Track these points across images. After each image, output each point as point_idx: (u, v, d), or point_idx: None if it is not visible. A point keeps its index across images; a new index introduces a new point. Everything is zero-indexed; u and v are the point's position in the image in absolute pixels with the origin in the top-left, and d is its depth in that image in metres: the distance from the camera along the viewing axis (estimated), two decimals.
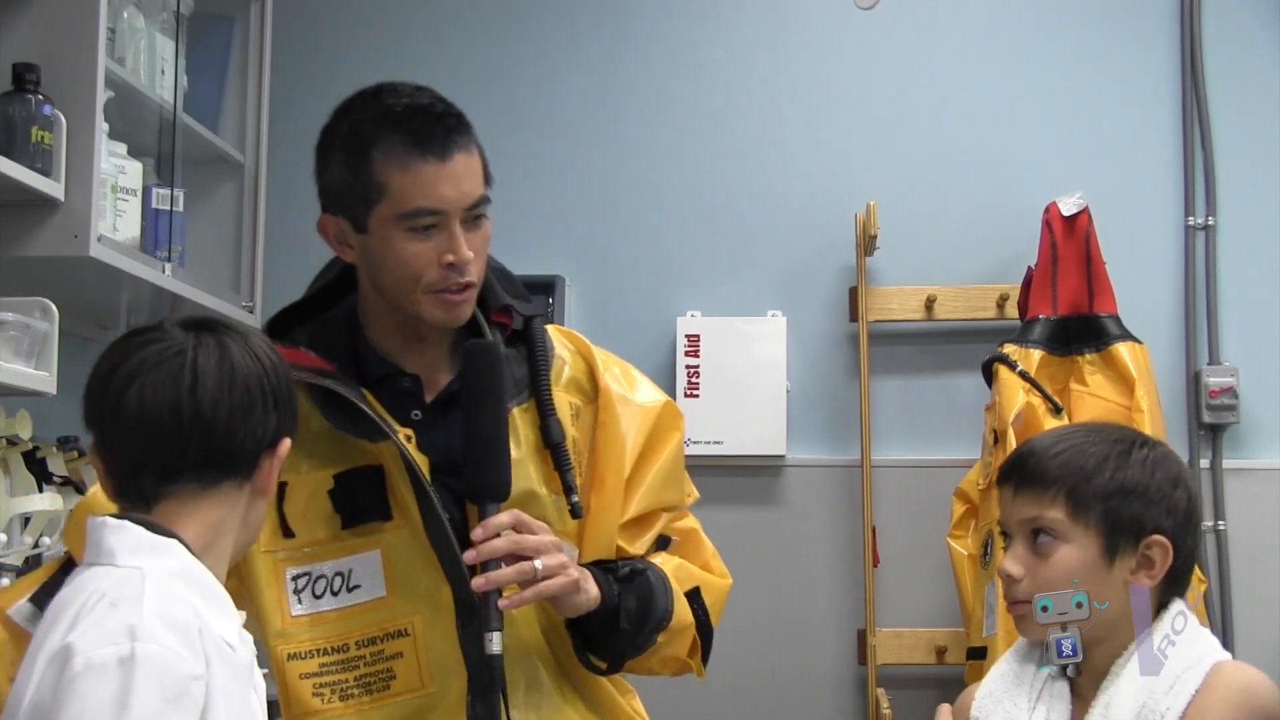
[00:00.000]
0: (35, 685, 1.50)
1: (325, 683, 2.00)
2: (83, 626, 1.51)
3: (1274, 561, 3.80)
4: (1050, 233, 3.76)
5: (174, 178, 3.29)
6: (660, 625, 2.07)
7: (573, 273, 4.05)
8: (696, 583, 2.16)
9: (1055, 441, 1.94)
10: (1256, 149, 3.98)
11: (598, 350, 2.19)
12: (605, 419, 2.12)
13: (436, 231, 1.98)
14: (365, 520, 2.00)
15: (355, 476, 2.01)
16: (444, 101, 2.06)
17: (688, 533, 2.21)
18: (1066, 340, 3.72)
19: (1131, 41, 4.04)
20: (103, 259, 2.86)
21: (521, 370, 2.09)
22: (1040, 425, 3.57)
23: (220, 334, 1.71)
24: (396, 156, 1.99)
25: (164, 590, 1.56)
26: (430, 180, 1.98)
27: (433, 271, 1.99)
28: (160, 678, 1.48)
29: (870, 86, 4.09)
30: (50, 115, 2.74)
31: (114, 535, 1.62)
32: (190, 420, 1.65)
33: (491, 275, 2.11)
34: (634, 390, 2.17)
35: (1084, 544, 1.87)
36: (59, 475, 2.88)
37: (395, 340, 2.08)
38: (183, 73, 3.38)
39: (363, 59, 4.20)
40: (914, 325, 3.99)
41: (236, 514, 1.71)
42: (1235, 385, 3.87)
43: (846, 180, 4.00)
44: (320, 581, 2.02)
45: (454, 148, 1.99)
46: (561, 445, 2.06)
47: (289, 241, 4.06)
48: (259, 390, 1.69)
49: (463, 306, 2.03)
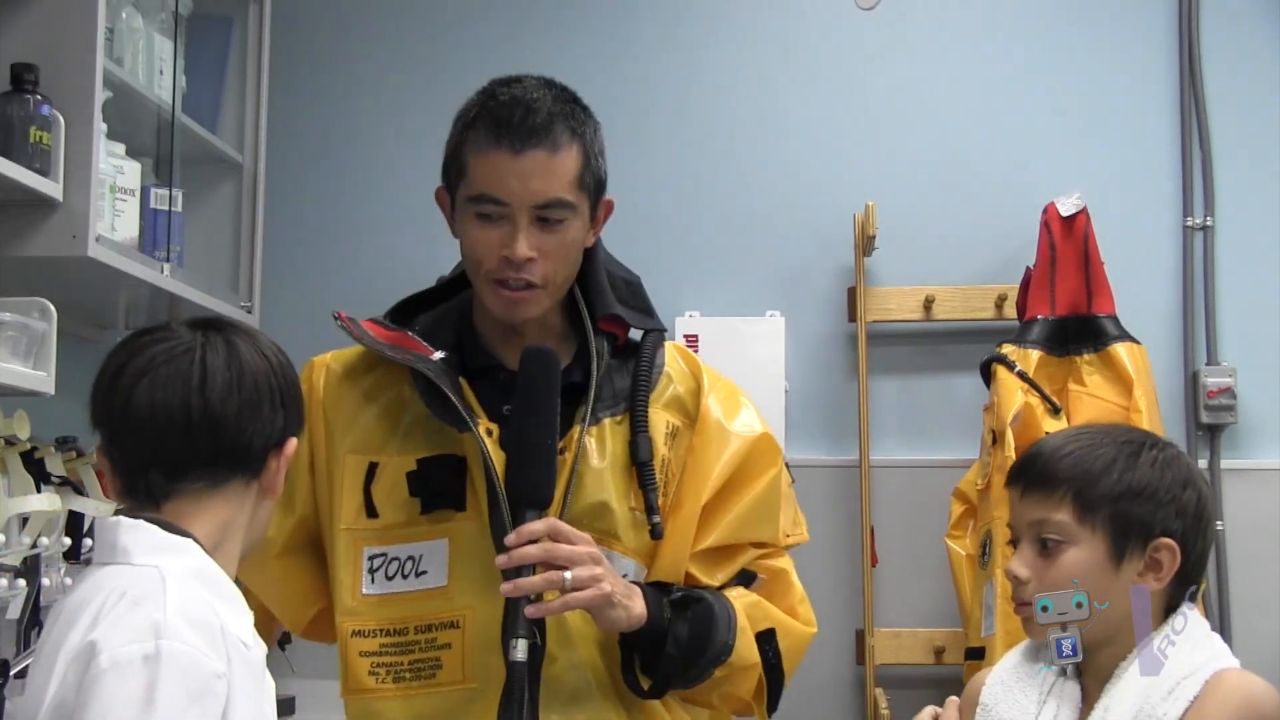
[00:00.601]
0: (58, 683, 1.51)
1: (382, 663, 2.03)
2: (105, 624, 1.51)
3: (1272, 562, 3.80)
4: (1049, 233, 3.76)
5: (172, 178, 3.29)
6: (718, 659, 2.01)
7: None
8: (772, 624, 2.09)
9: (1064, 443, 1.93)
10: (1254, 149, 3.98)
11: (710, 373, 2.17)
12: (697, 443, 2.10)
13: (503, 223, 2.00)
14: (440, 507, 2.02)
15: (437, 463, 2.03)
16: (559, 100, 2.04)
17: (776, 572, 2.15)
18: (1065, 340, 3.72)
19: (1130, 42, 4.04)
20: (101, 259, 2.86)
21: (624, 383, 2.08)
22: (1038, 425, 3.57)
23: (228, 333, 1.72)
24: (479, 141, 2.01)
25: (185, 589, 1.58)
26: (498, 170, 1.99)
27: (492, 261, 2.01)
28: (185, 675, 1.49)
29: (869, 87, 4.09)
30: (49, 115, 2.74)
31: (129, 534, 1.63)
32: (200, 417, 1.66)
33: (611, 283, 2.12)
34: (733, 418, 2.13)
35: (1091, 546, 1.86)
36: (57, 475, 2.87)
37: (496, 333, 2.11)
38: (181, 73, 3.38)
39: (361, 59, 4.21)
40: (912, 325, 3.99)
41: (244, 514, 1.72)
42: (1233, 385, 3.87)
43: (845, 180, 4.00)
44: (393, 564, 2.04)
45: (532, 144, 1.98)
46: (648, 464, 2.04)
47: (288, 242, 4.08)
48: (267, 389, 1.70)
49: (522, 305, 2.03)
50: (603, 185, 2.08)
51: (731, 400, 2.15)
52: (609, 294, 2.11)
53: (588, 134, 2.05)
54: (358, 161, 4.19)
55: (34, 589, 2.82)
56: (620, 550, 2.03)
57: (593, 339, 2.08)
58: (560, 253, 2.02)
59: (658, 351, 2.13)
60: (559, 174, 2.00)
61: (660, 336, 2.15)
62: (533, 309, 2.04)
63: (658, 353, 2.12)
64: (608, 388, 2.07)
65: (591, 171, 2.04)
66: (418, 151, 4.17)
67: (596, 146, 2.07)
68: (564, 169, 2.00)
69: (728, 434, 2.11)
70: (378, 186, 4.17)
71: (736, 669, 2.04)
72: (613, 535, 2.02)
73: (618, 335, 2.12)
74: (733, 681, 2.06)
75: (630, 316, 2.12)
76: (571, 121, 2.03)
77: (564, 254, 2.02)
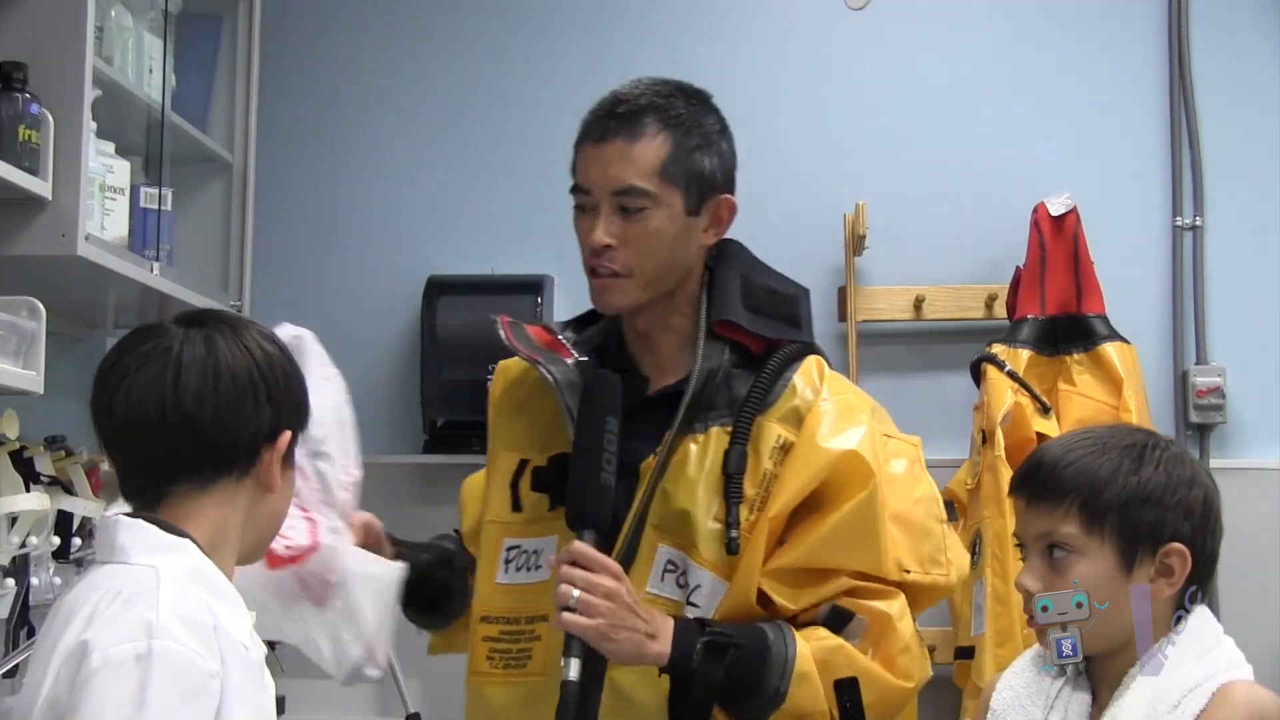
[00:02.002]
0: (51, 681, 1.51)
1: (498, 649, 2.09)
2: (99, 624, 1.52)
3: (1261, 561, 3.81)
4: (1038, 233, 3.77)
5: (162, 177, 3.28)
6: (769, 706, 1.94)
7: (561, 272, 4.04)
8: (854, 673, 1.98)
9: (1066, 451, 1.90)
10: (1244, 149, 3.98)
11: (836, 388, 2.12)
12: (792, 456, 2.05)
13: (592, 212, 2.06)
14: (560, 505, 2.04)
15: (562, 461, 2.06)
16: (661, 95, 2.08)
17: (878, 616, 2.01)
18: (1055, 340, 3.73)
19: (1120, 42, 4.04)
20: (90, 258, 2.85)
21: (742, 393, 2.06)
22: (1028, 425, 3.58)
23: (211, 328, 1.70)
24: (579, 136, 2.11)
25: (179, 588, 1.57)
26: (584, 160, 2.08)
27: (585, 250, 2.07)
28: (177, 675, 1.50)
29: (860, 86, 4.09)
30: (38, 114, 2.73)
31: (127, 533, 1.63)
32: (175, 416, 1.64)
33: (748, 289, 2.11)
34: (829, 433, 2.05)
35: (1100, 557, 1.84)
36: (46, 475, 2.87)
37: (633, 335, 2.15)
38: (171, 71, 3.37)
39: (351, 58, 4.20)
40: (902, 325, 3.99)
41: (240, 511, 1.70)
42: (1222, 385, 3.87)
43: (835, 180, 4.00)
44: (523, 555, 2.11)
45: (612, 133, 2.04)
46: (735, 476, 2.01)
47: (277, 240, 4.07)
48: (248, 383, 1.68)
49: (610, 292, 2.06)
50: (706, 180, 2.07)
51: (841, 416, 2.08)
52: (733, 299, 2.09)
53: (685, 125, 2.06)
54: (348, 160, 4.18)
55: (23, 588, 2.82)
56: (698, 561, 2.01)
57: (700, 343, 2.08)
58: (643, 242, 2.03)
59: (789, 364, 2.09)
60: (636, 161, 2.03)
61: (800, 349, 2.12)
62: (620, 298, 2.06)
63: (788, 365, 2.09)
64: (724, 395, 2.06)
65: (682, 162, 2.04)
66: (408, 150, 4.18)
67: (696, 140, 2.06)
68: (642, 157, 2.03)
69: (816, 449, 2.04)
70: (368, 185, 4.17)
71: (799, 716, 1.96)
72: (691, 545, 2.01)
73: (750, 344, 2.10)
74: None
75: (760, 325, 2.09)
76: (663, 112, 2.05)
77: (647, 244, 2.03)
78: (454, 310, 3.93)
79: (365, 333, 4.11)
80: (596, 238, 2.03)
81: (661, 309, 2.09)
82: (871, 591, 2.03)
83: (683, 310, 2.11)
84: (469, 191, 4.14)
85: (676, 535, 2.01)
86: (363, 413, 4.14)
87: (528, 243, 4.08)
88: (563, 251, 4.07)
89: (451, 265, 4.05)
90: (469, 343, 3.89)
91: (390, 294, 4.11)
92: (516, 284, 3.97)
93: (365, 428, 4.03)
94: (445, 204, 4.14)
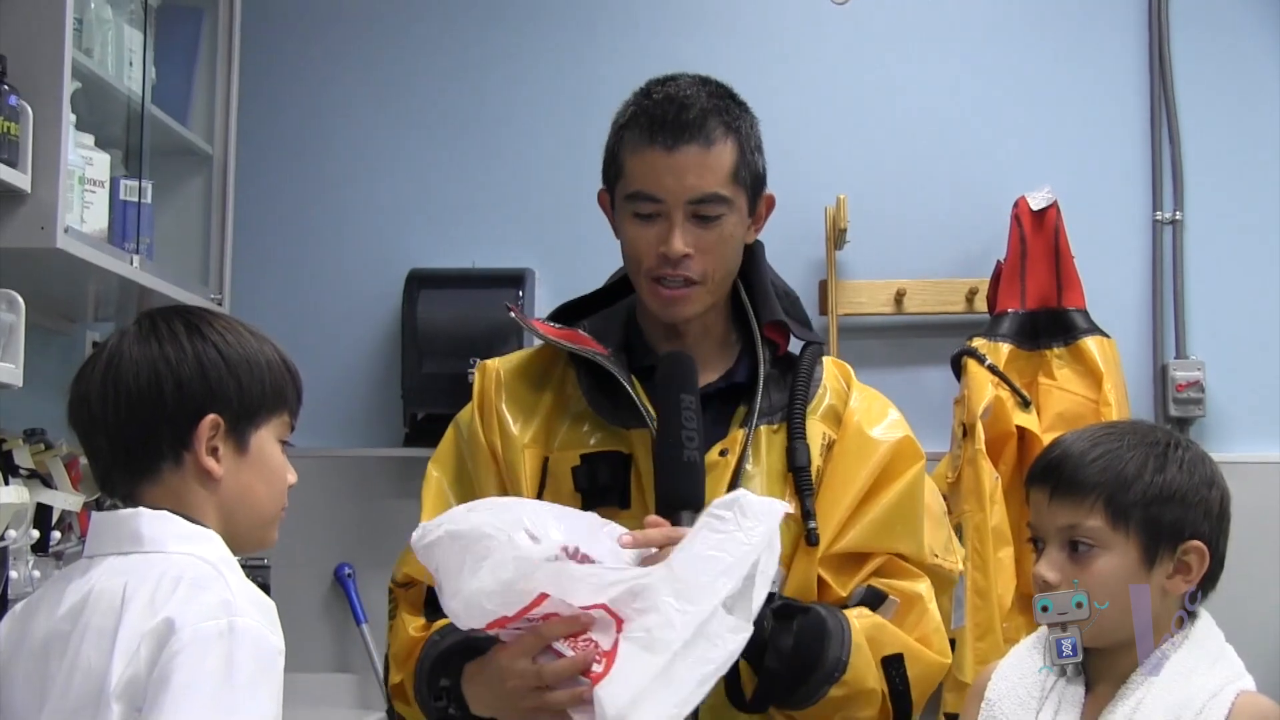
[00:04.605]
0: (126, 661, 1.54)
1: None
2: (175, 604, 1.56)
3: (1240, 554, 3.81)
4: (1019, 227, 3.78)
5: (142, 169, 3.27)
6: (830, 678, 1.91)
7: (542, 266, 4.04)
8: (899, 649, 1.97)
9: (1091, 446, 1.90)
10: (1224, 144, 4.00)
11: (859, 384, 2.15)
12: (838, 451, 2.06)
13: (659, 220, 2.01)
14: (603, 504, 1.98)
15: (601, 459, 2.03)
16: (713, 96, 2.04)
17: (910, 597, 2.02)
18: (1035, 334, 3.74)
19: (1100, 37, 4.05)
20: (70, 251, 2.84)
21: (780, 394, 2.07)
22: (1009, 419, 3.59)
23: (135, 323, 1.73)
24: (634, 140, 2.02)
25: (235, 573, 1.64)
26: (652, 167, 2.00)
27: (650, 259, 2.02)
28: (255, 650, 1.57)
29: (841, 80, 4.10)
30: (16, 106, 2.72)
31: (154, 524, 1.66)
32: (87, 417, 1.70)
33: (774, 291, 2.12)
34: (875, 424, 2.09)
35: (1124, 552, 1.85)
36: (25, 468, 2.86)
37: (660, 333, 2.11)
38: (151, 64, 3.36)
39: (332, 51, 4.19)
40: (883, 319, 4.00)
41: (202, 497, 1.70)
42: (1202, 379, 3.89)
43: (816, 174, 4.00)
44: None
45: (685, 140, 1.99)
46: (805, 469, 2.02)
47: (258, 234, 4.06)
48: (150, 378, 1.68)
49: (679, 304, 2.03)
50: (761, 180, 2.07)
51: (876, 410, 2.12)
52: (774, 300, 2.11)
53: (743, 129, 2.05)
54: (329, 153, 4.17)
55: (2, 582, 2.81)
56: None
57: (760, 343, 2.08)
58: (718, 249, 2.02)
59: (817, 364, 2.12)
60: (713, 169, 2.00)
61: (820, 349, 2.13)
62: (691, 307, 2.04)
63: (816, 365, 2.12)
64: (766, 397, 2.06)
65: (748, 166, 2.04)
66: (389, 143, 4.17)
67: (753, 141, 2.06)
68: (718, 164, 2.00)
69: (868, 440, 2.07)
70: (349, 179, 4.16)
71: (855, 691, 1.93)
72: None
73: (779, 345, 2.11)
74: (853, 705, 1.95)
75: (792, 326, 2.11)
76: (726, 117, 2.03)
77: (721, 250, 2.02)
78: (435, 304, 3.93)
79: (346, 326, 4.10)
80: (676, 247, 1.98)
81: (707, 311, 2.09)
82: (901, 571, 2.05)
83: (720, 310, 2.11)
84: (450, 185, 4.14)
85: None
86: (343, 406, 4.18)
87: (508, 237, 4.08)
88: (543, 245, 4.12)
89: (432, 259, 4.05)
90: (450, 336, 3.89)
91: (371, 287, 4.10)
92: (497, 277, 3.96)
93: (346, 421, 4.09)
94: (426, 197, 4.14)
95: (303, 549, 3.84)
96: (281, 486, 1.77)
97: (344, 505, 4.02)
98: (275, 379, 1.76)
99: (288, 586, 3.81)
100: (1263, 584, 3.75)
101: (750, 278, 2.14)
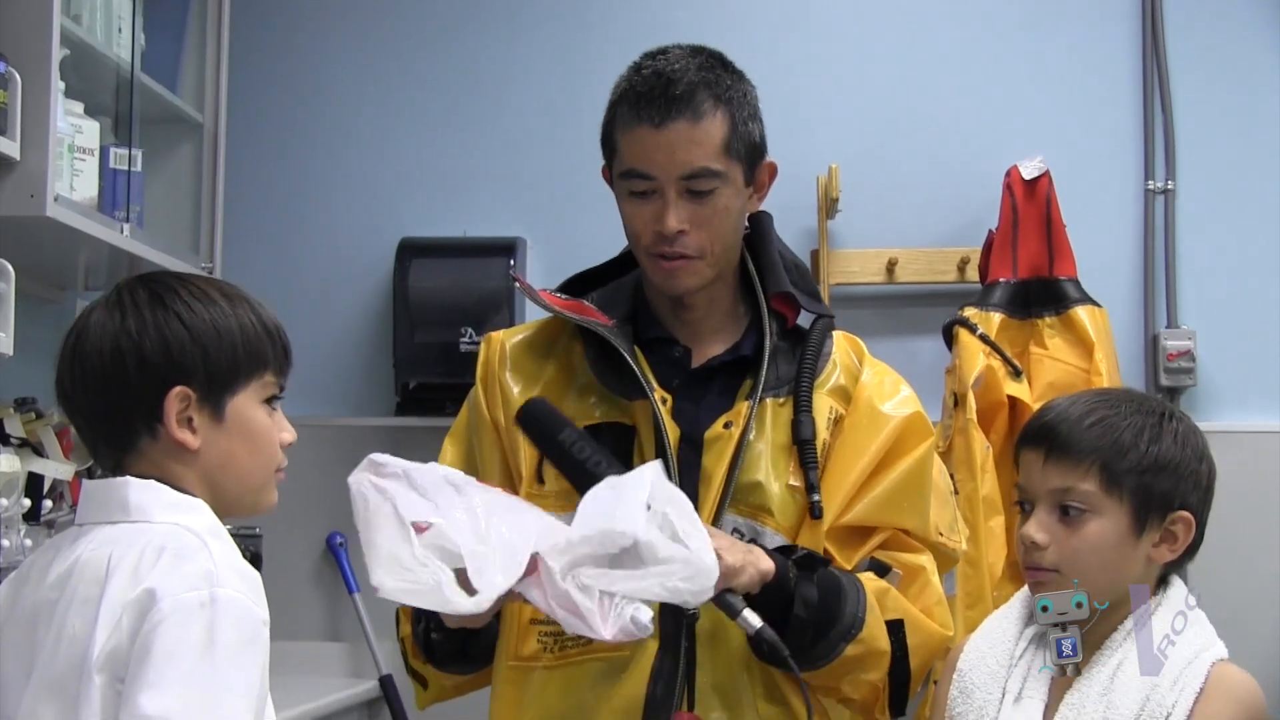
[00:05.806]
0: (109, 631, 1.54)
1: (549, 631, 2.01)
2: (157, 574, 1.55)
3: (1229, 524, 3.81)
4: (1011, 196, 3.77)
5: (132, 137, 3.26)
6: (848, 634, 1.93)
7: (533, 235, 4.04)
8: (901, 615, 1.99)
9: (1087, 411, 1.91)
10: (1216, 114, 3.99)
11: (871, 360, 2.15)
12: (847, 424, 2.06)
13: (654, 197, 2.01)
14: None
15: (603, 430, 2.03)
16: (702, 68, 2.03)
17: (913, 569, 2.05)
18: (1026, 303, 3.74)
19: (1093, 6, 4.04)
20: (60, 219, 2.84)
21: (788, 367, 2.07)
22: (1000, 388, 3.59)
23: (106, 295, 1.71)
24: (624, 118, 2.02)
25: (222, 543, 1.62)
26: (642, 144, 2.00)
27: (647, 235, 2.02)
28: (238, 621, 1.55)
29: (832, 49, 4.09)
30: (5, 73, 2.71)
31: (141, 493, 1.64)
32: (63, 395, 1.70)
33: (783, 264, 2.11)
34: (886, 399, 2.09)
35: (1115, 517, 1.87)
36: (16, 437, 2.86)
37: (667, 306, 2.11)
38: (140, 31, 3.34)
39: (323, 19, 4.18)
40: (875, 288, 4.00)
41: (180, 471, 1.68)
42: (1193, 348, 3.89)
43: (808, 143, 3.99)
44: None
45: (673, 115, 1.98)
46: (810, 442, 2.01)
47: (248, 202, 4.05)
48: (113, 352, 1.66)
49: (678, 276, 2.03)
50: (758, 149, 2.06)
51: (888, 382, 2.12)
52: (781, 272, 2.10)
53: (735, 99, 2.04)
54: (320, 121, 4.16)
55: None
56: (773, 527, 2.00)
57: (766, 315, 2.08)
58: (714, 222, 2.01)
59: (826, 338, 2.11)
60: (703, 143, 1.99)
61: (830, 323, 2.12)
62: (691, 280, 2.04)
63: (826, 339, 2.11)
64: (773, 370, 2.05)
65: (741, 136, 2.03)
66: (380, 112, 4.16)
67: (746, 111, 2.05)
68: (708, 137, 1.99)
69: (879, 415, 2.07)
70: (340, 147, 4.15)
71: (869, 651, 1.95)
72: (764, 511, 2.00)
73: (787, 318, 2.10)
74: (865, 666, 1.97)
75: (800, 299, 2.10)
76: (716, 89, 2.02)
77: (717, 223, 2.02)
78: (426, 273, 3.93)
79: (337, 295, 4.10)
80: (669, 224, 1.98)
81: (713, 283, 2.08)
82: (906, 545, 2.06)
83: (727, 281, 2.11)
84: (442, 154, 4.12)
85: (743, 503, 2.00)
86: (335, 375, 4.18)
87: (500, 205, 4.07)
88: (535, 214, 4.11)
89: (424, 228, 4.04)
90: (441, 305, 3.89)
91: (362, 256, 4.10)
92: (489, 247, 3.96)
93: (337, 390, 4.09)
94: (418, 166, 4.13)
95: (295, 518, 3.84)
96: (270, 450, 1.74)
97: (336, 474, 3.94)
98: (250, 342, 1.72)
99: (280, 556, 3.82)
100: (1251, 552, 3.77)
101: (757, 249, 2.13)
